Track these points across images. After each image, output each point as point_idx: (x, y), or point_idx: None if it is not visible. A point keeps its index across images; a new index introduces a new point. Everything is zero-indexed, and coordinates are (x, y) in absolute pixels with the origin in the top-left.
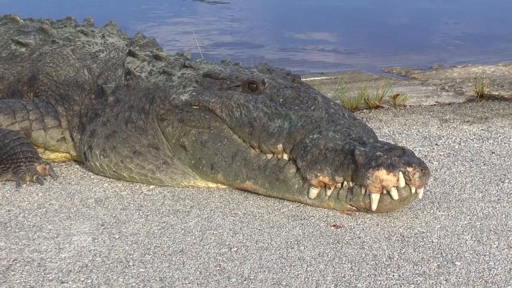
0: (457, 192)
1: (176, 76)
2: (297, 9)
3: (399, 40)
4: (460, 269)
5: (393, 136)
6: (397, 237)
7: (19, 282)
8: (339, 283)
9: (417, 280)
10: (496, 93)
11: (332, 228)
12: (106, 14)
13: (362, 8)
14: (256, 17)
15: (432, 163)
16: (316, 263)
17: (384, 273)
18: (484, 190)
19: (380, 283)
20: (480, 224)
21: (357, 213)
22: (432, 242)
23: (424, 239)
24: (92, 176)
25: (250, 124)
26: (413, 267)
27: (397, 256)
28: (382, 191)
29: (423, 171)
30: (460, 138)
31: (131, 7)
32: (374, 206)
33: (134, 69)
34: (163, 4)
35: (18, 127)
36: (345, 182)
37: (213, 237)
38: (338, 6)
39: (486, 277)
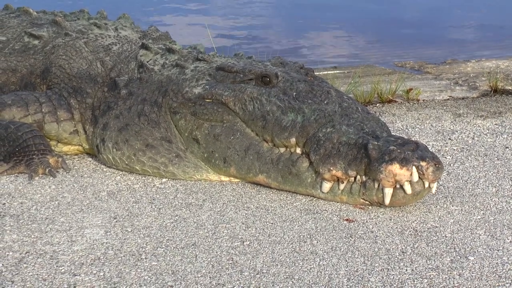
0: (471, 187)
1: (189, 69)
2: (310, 2)
3: (413, 34)
4: (473, 263)
5: (406, 130)
6: (410, 231)
7: (31, 275)
8: (352, 277)
9: (430, 275)
10: (510, 88)
11: (345, 222)
12: (120, 7)
13: (376, 1)
14: (269, 11)
15: (445, 157)
16: (329, 257)
17: (397, 268)
18: (497, 185)
19: (393, 277)
20: (494, 219)
21: (370, 207)
22: (445, 236)
23: (437, 234)
24: (104, 169)
25: (263, 118)
26: (426, 262)
27: (410, 251)
28: (395, 185)
29: (437, 165)
30: (474, 133)
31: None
32: (387, 200)
33: (147, 62)
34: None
35: (31, 119)
36: (358, 176)
37: (226, 231)
38: (352, 0)
39: (500, 272)
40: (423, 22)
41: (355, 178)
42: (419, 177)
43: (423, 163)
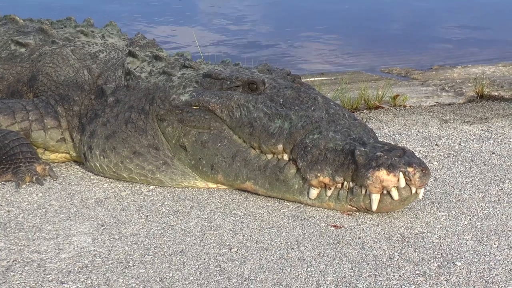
0: (457, 193)
1: (176, 77)
2: (297, 9)
3: (399, 41)
4: (460, 269)
5: (393, 136)
6: (397, 237)
7: (19, 283)
8: (340, 284)
9: (417, 281)
10: (496, 94)
11: (333, 228)
12: (106, 14)
13: (362, 8)
14: (256, 18)
15: (432, 163)
16: (317, 264)
17: (385, 273)
18: (484, 190)
19: (381, 283)
20: (481, 224)
21: (357, 213)
22: (433, 242)
23: (425, 239)
24: (92, 177)
25: (250, 125)
26: (414, 267)
27: (398, 257)
28: (383, 192)
29: (424, 171)
30: (460, 139)
31: (131, 7)
32: (374, 207)
33: (134, 69)
34: (163, 5)
35: (17, 127)
36: (345, 183)
37: (213, 238)
38: (338, 7)
39: (487, 277)
40: (410, 29)
41: (342, 184)
42: (406, 183)
43: (410, 169)
